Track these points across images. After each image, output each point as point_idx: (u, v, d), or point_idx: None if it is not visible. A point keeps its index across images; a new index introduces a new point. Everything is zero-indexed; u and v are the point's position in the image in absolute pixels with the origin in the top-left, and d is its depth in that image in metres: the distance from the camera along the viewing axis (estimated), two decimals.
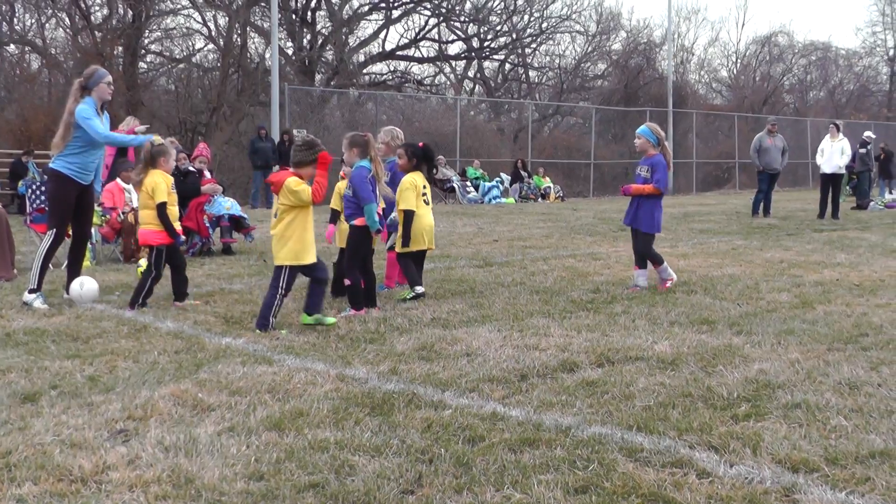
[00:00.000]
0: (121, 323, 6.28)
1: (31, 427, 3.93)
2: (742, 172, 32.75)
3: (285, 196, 6.11)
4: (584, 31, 39.70)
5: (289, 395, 4.43)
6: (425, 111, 29.44)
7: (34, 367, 4.98)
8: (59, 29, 27.92)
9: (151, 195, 6.85)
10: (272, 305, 6.16)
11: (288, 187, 6.06)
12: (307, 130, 23.01)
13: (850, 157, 17.48)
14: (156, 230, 6.90)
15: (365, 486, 3.26)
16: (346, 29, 33.53)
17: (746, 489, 3.25)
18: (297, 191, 6.05)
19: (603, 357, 5.22)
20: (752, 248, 11.26)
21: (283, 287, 6.20)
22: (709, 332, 5.98)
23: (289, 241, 6.17)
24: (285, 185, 6.07)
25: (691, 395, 4.43)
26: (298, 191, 6.04)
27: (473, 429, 3.89)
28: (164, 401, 4.30)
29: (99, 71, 7.17)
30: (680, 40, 44.01)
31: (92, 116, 6.93)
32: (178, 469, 3.42)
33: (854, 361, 5.11)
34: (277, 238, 6.21)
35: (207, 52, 31.58)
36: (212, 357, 5.25)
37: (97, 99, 7.05)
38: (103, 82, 7.09)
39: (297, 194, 6.05)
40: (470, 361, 5.15)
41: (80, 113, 6.90)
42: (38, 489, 3.25)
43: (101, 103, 7.11)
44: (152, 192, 6.85)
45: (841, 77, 48.05)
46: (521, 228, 14.55)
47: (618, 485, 3.27)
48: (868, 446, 3.66)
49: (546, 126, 35.98)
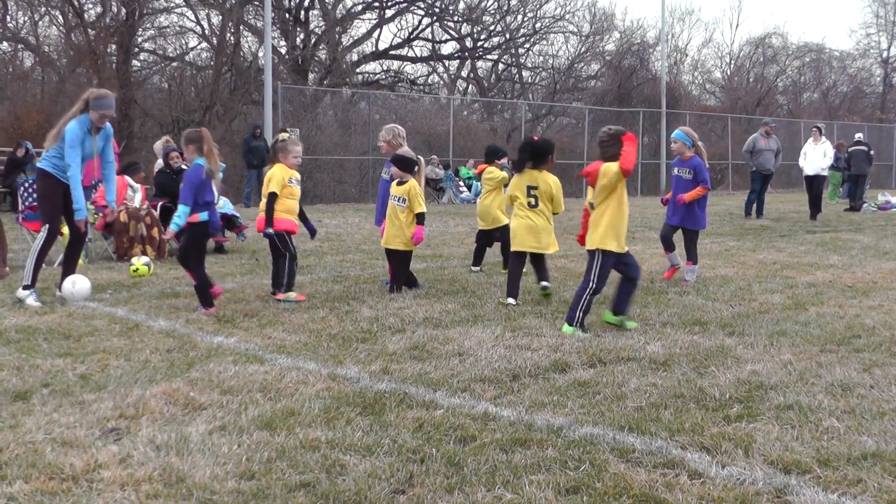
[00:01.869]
0: (113, 321, 6.26)
1: (22, 425, 3.91)
2: (735, 174, 32.83)
3: (600, 183, 6.01)
4: (578, 32, 39.73)
5: (280, 395, 4.42)
6: (418, 111, 29.38)
7: (26, 365, 4.96)
8: (53, 27, 27.82)
9: (266, 185, 7.21)
10: (581, 298, 6.00)
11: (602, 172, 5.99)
12: (300, 130, 22.99)
13: (833, 159, 17.98)
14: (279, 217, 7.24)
15: (356, 485, 3.25)
16: (340, 28, 33.49)
17: (738, 490, 3.25)
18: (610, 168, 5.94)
19: (595, 357, 5.23)
20: (744, 249, 11.29)
21: (595, 279, 6.03)
22: (701, 333, 5.99)
23: (600, 226, 6.05)
24: (602, 171, 5.98)
25: (683, 395, 4.44)
26: (610, 167, 5.94)
27: (465, 429, 3.89)
28: (155, 399, 4.29)
29: (106, 99, 7.21)
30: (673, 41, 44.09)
31: (75, 145, 6.99)
32: (170, 468, 3.41)
33: (846, 363, 5.12)
34: (593, 225, 6.11)
35: (201, 51, 31.51)
36: (203, 356, 5.24)
37: (93, 120, 7.11)
38: (102, 111, 7.13)
39: (607, 174, 5.95)
40: (462, 361, 5.14)
41: (68, 133, 6.98)
42: (29, 487, 3.23)
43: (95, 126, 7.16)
44: (266, 183, 7.22)
45: (835, 79, 48.21)
46: None
47: (609, 485, 3.27)
48: (860, 448, 3.67)
49: (539, 126, 35.97)
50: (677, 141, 8.43)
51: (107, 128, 7.33)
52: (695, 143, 8.39)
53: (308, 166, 23.57)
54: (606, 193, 6.04)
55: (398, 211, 7.57)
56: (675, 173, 8.52)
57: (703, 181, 8.26)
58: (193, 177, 6.56)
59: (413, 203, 7.53)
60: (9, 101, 23.87)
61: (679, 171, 8.41)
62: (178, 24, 30.58)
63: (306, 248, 11.01)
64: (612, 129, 6.14)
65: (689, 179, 8.33)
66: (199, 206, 6.58)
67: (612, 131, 6.11)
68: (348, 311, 6.71)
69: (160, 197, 10.97)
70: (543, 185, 7.14)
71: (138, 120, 27.26)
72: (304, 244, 11.54)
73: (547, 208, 7.21)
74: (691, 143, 8.37)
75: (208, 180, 6.63)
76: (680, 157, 8.49)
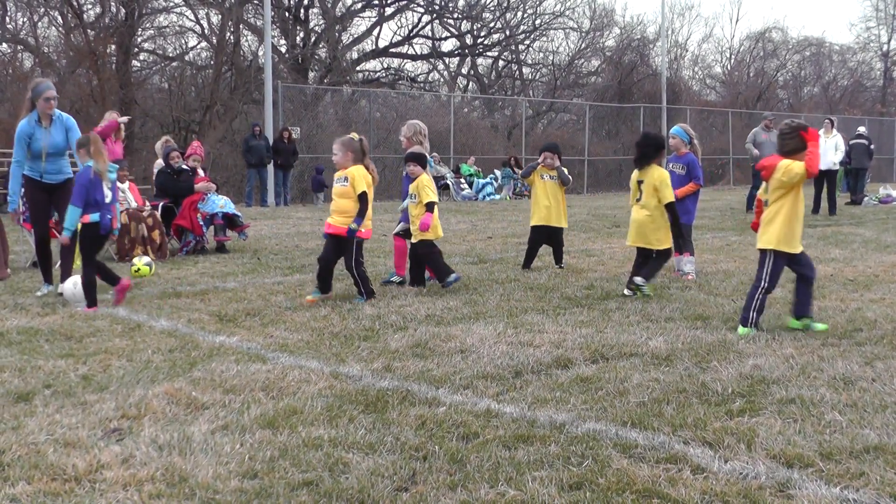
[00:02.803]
0: (114, 322, 6.26)
1: (24, 426, 3.91)
2: (736, 168, 32.79)
3: (777, 179, 5.81)
4: (578, 28, 39.69)
5: (283, 393, 4.42)
6: (419, 108, 29.34)
7: (28, 367, 4.96)
8: (52, 27, 27.84)
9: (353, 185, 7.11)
10: (753, 298, 5.86)
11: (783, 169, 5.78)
12: (301, 128, 22.99)
13: (845, 153, 17.53)
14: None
15: (359, 483, 3.25)
16: (340, 26, 33.47)
17: (741, 485, 3.25)
18: (793, 167, 5.73)
19: (597, 353, 5.22)
20: (746, 243, 11.27)
21: (767, 279, 5.84)
22: (703, 327, 5.98)
23: (773, 224, 5.84)
24: (782, 168, 5.77)
25: (686, 390, 4.44)
26: (793, 166, 5.72)
27: (467, 426, 3.89)
28: (157, 399, 4.29)
29: (40, 85, 7.45)
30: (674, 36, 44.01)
31: (19, 139, 7.36)
32: (172, 468, 3.41)
33: (848, 357, 5.12)
34: (766, 223, 5.90)
35: (200, 50, 31.52)
36: (206, 355, 5.24)
37: (39, 110, 7.35)
38: (42, 98, 7.36)
39: (789, 173, 5.73)
40: (464, 358, 5.14)
41: (17, 131, 7.38)
42: (31, 488, 3.23)
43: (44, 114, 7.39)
44: (353, 183, 7.12)
45: (835, 73, 48.11)
46: (515, 225, 14.55)
47: (612, 481, 3.27)
48: (862, 441, 3.67)
49: (540, 123, 35.96)
50: (675, 137, 8.60)
51: (67, 120, 7.56)
52: (692, 140, 8.55)
53: (309, 165, 23.59)
54: (783, 192, 5.80)
55: (412, 207, 7.70)
56: (670, 168, 8.54)
57: (696, 178, 8.41)
58: (82, 178, 6.78)
59: (422, 194, 7.61)
60: (9, 103, 23.87)
61: (673, 166, 8.51)
62: (178, 24, 30.62)
63: (308, 247, 11.02)
64: (794, 122, 5.97)
65: (682, 175, 8.45)
66: (91, 206, 6.76)
67: (794, 124, 5.93)
68: (350, 309, 6.71)
69: (161, 197, 10.97)
70: (648, 179, 7.29)
71: (139, 120, 27.23)
72: (306, 243, 11.55)
73: (654, 202, 7.31)
74: (688, 140, 8.54)
75: (97, 180, 6.79)
76: (675, 152, 8.60)
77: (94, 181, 6.76)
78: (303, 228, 13.83)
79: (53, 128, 7.43)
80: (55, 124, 7.45)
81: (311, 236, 12.46)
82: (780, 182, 5.79)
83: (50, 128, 7.40)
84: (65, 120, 7.53)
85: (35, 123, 7.40)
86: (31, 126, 7.36)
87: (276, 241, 11.75)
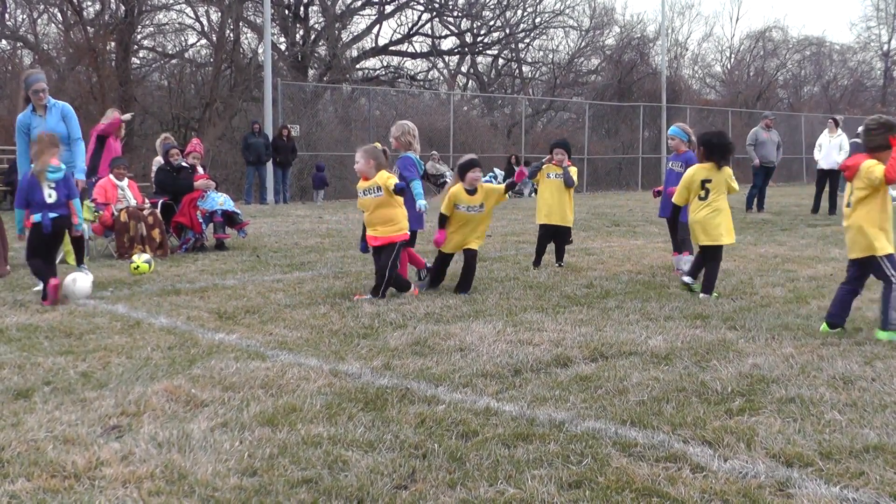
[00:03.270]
0: (114, 319, 6.26)
1: (24, 423, 3.91)
2: (736, 168, 32.63)
3: (860, 180, 5.65)
4: (578, 26, 39.60)
5: (282, 391, 4.42)
6: (419, 106, 29.31)
7: (27, 364, 4.96)
8: (52, 24, 27.80)
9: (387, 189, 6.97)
10: (890, 299, 5.61)
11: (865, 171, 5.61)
12: (300, 126, 22.96)
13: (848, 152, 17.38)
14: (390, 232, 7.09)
15: (358, 481, 3.25)
16: (339, 24, 33.43)
17: (741, 483, 3.25)
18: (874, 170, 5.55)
19: (597, 352, 5.22)
20: (745, 243, 11.27)
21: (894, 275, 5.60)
22: (703, 326, 5.98)
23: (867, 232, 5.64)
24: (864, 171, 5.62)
25: (685, 389, 4.44)
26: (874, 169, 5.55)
27: (467, 424, 3.89)
28: (157, 397, 4.29)
29: (30, 77, 7.76)
30: (674, 35, 43.92)
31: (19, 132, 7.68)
32: (172, 465, 3.41)
33: (848, 356, 5.12)
34: (855, 230, 5.73)
35: (200, 48, 31.43)
36: (205, 353, 5.24)
37: (33, 101, 7.64)
38: (31, 88, 7.65)
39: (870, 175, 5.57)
40: (463, 356, 5.14)
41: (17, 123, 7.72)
42: (31, 485, 3.23)
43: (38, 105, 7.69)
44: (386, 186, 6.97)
45: (835, 72, 48.07)
46: (514, 224, 14.54)
47: (612, 479, 3.27)
48: (862, 440, 3.67)
49: (539, 121, 35.92)
50: (674, 137, 8.73)
51: (63, 108, 7.76)
52: (690, 138, 8.68)
53: (308, 163, 23.57)
54: (866, 194, 5.64)
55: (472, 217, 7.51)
56: (669, 167, 8.77)
57: None
58: (22, 181, 6.99)
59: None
60: (8, 100, 23.84)
61: (673, 164, 8.65)
62: (178, 22, 30.55)
63: (307, 245, 11.01)
64: (883, 118, 5.81)
65: (681, 173, 8.37)
66: (34, 207, 6.89)
67: (883, 120, 5.78)
68: (349, 307, 6.71)
69: (160, 194, 10.96)
70: (720, 177, 7.30)
71: (138, 117, 27.19)
72: (305, 241, 11.54)
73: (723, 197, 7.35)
74: (687, 138, 8.66)
75: (35, 182, 6.91)
76: (675, 151, 8.71)
77: (31, 182, 6.90)
78: (302, 226, 13.82)
79: (49, 115, 7.66)
80: (51, 112, 7.68)
81: (311, 234, 12.45)
82: (862, 185, 5.63)
83: (46, 116, 7.63)
84: (61, 107, 7.74)
85: (31, 113, 7.68)
86: (27, 116, 7.65)
87: (275, 239, 11.74)
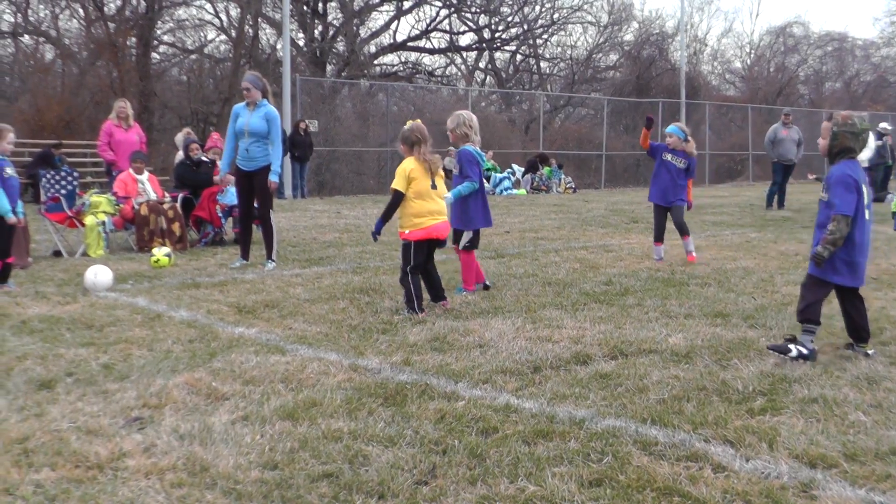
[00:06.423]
0: (135, 311, 6.30)
1: (47, 413, 3.94)
2: (756, 164, 32.50)
3: None
4: (596, 22, 39.46)
5: (302, 385, 4.43)
6: (436, 102, 29.30)
7: (49, 355, 5.00)
8: (73, 20, 27.99)
9: None
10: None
11: None
12: (318, 121, 23.00)
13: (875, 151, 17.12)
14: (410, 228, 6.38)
15: (379, 476, 3.25)
16: (358, 20, 33.45)
17: (763, 484, 3.23)
18: None
19: (616, 349, 5.20)
20: (766, 240, 11.19)
21: None
22: (723, 325, 5.94)
23: None
24: None
25: (706, 388, 4.41)
26: None
27: (487, 420, 3.88)
28: (178, 389, 4.31)
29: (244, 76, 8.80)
30: (693, 31, 43.66)
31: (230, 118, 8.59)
32: (193, 457, 3.43)
33: (872, 356, 5.06)
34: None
35: (219, 43, 31.63)
36: (225, 346, 5.26)
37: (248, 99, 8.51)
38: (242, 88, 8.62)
39: None
40: (483, 353, 5.13)
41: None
42: (55, 475, 3.26)
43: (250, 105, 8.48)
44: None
45: (858, 68, 47.56)
46: (532, 220, 14.50)
47: (632, 478, 3.25)
48: (888, 442, 3.63)
49: (557, 117, 35.82)
50: (673, 136, 8.97)
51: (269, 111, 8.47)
52: (687, 137, 9.01)
53: (326, 158, 23.62)
54: None
55: None
56: (668, 159, 9.00)
57: (692, 173, 9.09)
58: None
59: None
60: (30, 94, 24.04)
61: (672, 158, 8.95)
62: (197, 17, 30.72)
63: (326, 240, 11.04)
64: None
65: (681, 168, 8.96)
66: None
67: None
68: (368, 302, 6.72)
69: (181, 188, 11.01)
70: None
71: (157, 112, 27.38)
72: (324, 235, 11.57)
73: None
74: (684, 137, 8.96)
75: None
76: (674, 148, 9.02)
77: None
78: (320, 221, 13.85)
79: (255, 112, 8.43)
80: (258, 109, 8.43)
81: (329, 229, 12.48)
82: None
83: (252, 112, 8.44)
84: (267, 110, 8.44)
85: (244, 106, 8.54)
86: (240, 107, 8.56)
87: (293, 234, 11.77)
